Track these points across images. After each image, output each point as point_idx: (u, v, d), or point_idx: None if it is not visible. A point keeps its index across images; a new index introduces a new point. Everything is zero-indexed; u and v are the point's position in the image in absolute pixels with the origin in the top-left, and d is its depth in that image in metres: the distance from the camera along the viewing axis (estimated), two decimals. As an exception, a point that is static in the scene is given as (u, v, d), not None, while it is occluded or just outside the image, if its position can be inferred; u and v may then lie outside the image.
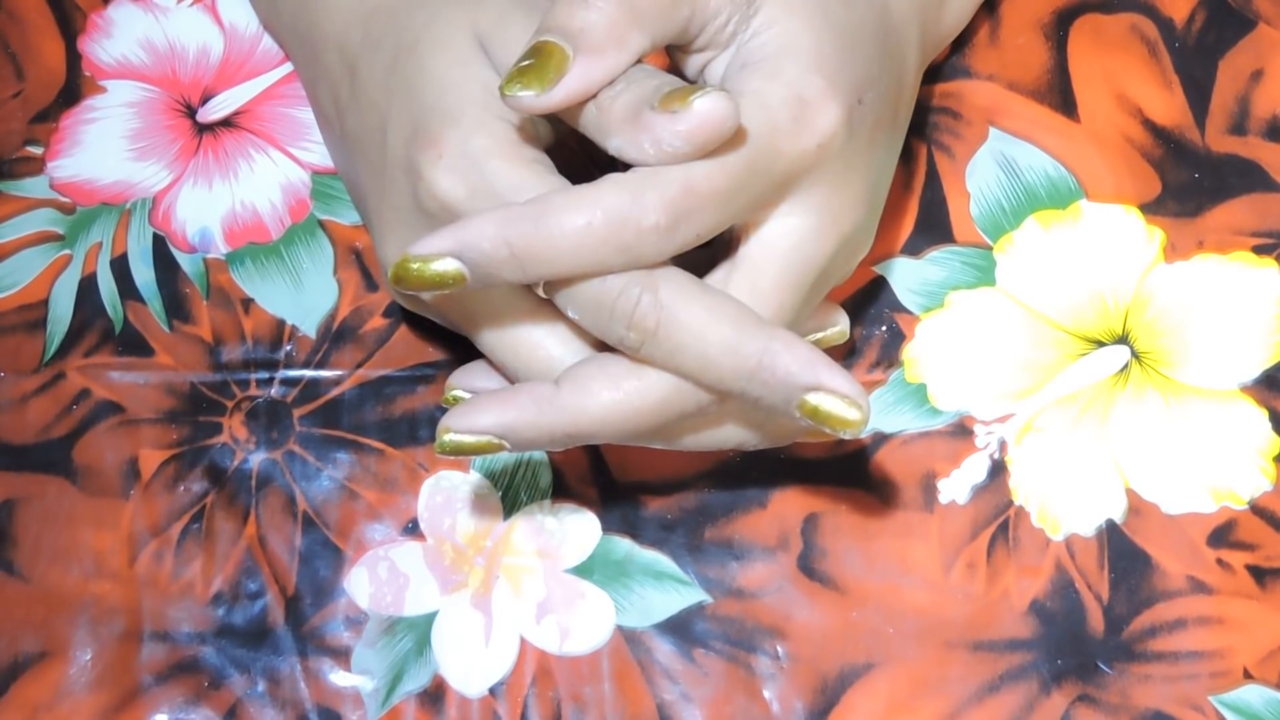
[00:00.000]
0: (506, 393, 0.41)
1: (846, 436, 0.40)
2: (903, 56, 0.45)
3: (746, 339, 0.40)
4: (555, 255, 0.39)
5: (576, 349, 0.42)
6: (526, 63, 0.39)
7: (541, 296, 0.41)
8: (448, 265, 0.39)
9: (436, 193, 0.41)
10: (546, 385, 0.41)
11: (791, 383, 0.40)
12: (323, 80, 0.48)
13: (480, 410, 0.41)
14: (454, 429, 0.41)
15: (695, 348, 0.40)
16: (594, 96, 0.40)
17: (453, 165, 0.41)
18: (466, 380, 0.45)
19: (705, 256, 0.42)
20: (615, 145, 0.40)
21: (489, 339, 0.43)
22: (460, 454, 0.41)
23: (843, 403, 0.40)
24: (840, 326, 0.45)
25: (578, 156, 0.44)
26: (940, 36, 0.50)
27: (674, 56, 0.43)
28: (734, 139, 0.39)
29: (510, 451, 0.41)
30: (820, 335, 0.45)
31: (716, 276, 0.42)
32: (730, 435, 0.44)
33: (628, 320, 0.40)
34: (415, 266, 0.39)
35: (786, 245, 0.41)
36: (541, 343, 0.42)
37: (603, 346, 0.42)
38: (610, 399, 0.40)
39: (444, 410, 0.49)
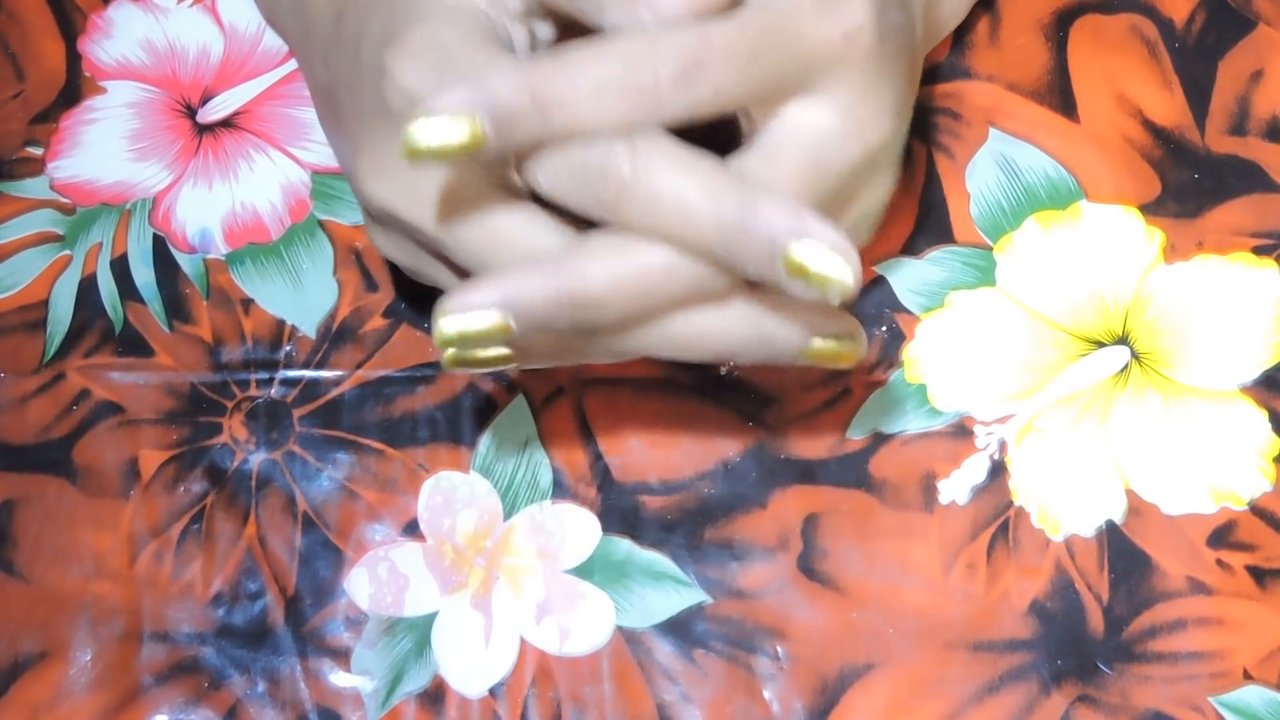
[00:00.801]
0: (505, 268, 0.39)
1: (835, 300, 0.37)
2: (912, 18, 0.44)
3: (727, 190, 0.37)
4: (576, 102, 0.37)
5: (560, 235, 0.40)
6: None
7: (515, 186, 0.40)
8: (465, 126, 0.36)
9: (402, 84, 0.39)
10: (549, 255, 0.39)
11: (774, 231, 0.37)
12: (315, 42, 0.47)
13: (479, 285, 0.38)
14: (452, 309, 0.38)
15: (673, 200, 0.37)
16: None
17: (419, 54, 0.39)
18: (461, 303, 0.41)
19: None
20: (610, 18, 0.39)
21: (467, 239, 0.40)
22: (465, 345, 0.38)
23: (832, 257, 0.36)
24: (857, 340, 0.41)
25: None
26: (937, 19, 0.49)
27: None
28: (757, 9, 0.38)
29: (517, 340, 0.38)
30: (832, 345, 0.41)
31: (731, 162, 0.39)
32: (736, 333, 0.40)
33: (603, 174, 0.38)
34: (437, 120, 0.36)
35: (807, 139, 0.39)
36: (522, 231, 0.40)
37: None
38: (614, 264, 0.38)
39: (445, 412, 0.49)
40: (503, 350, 0.39)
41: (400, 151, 0.37)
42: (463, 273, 0.42)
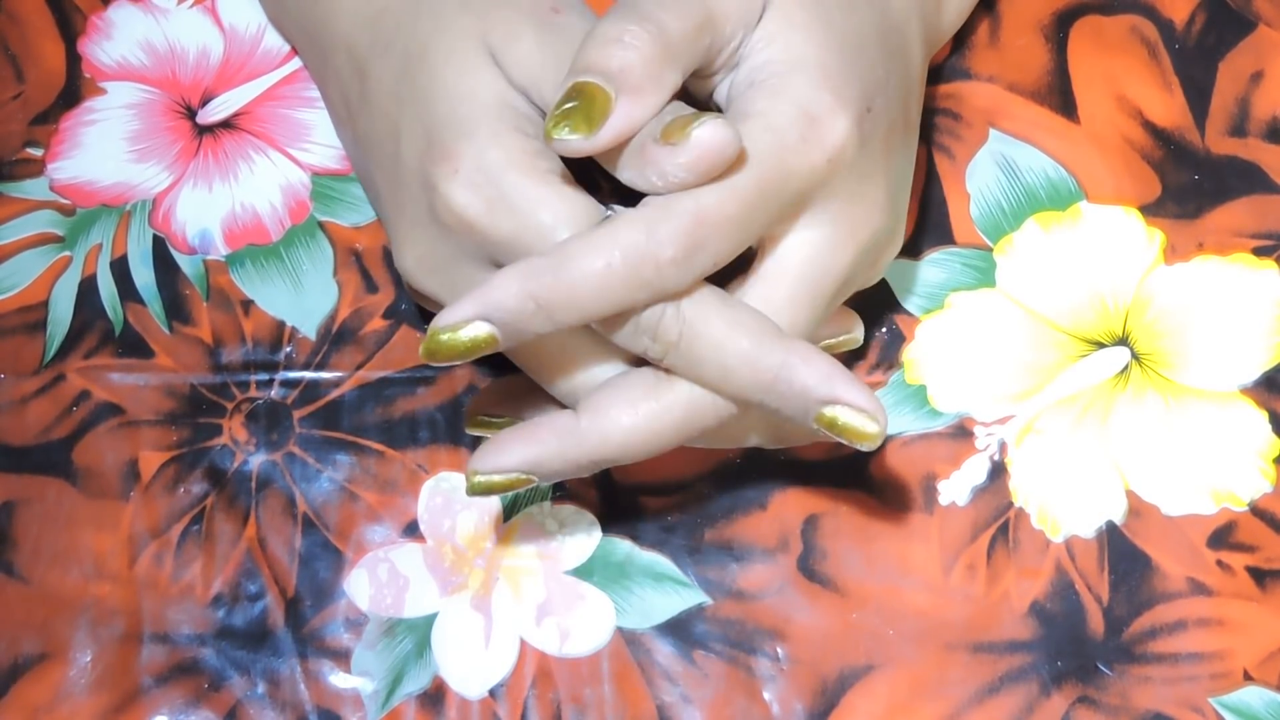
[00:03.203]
0: (528, 429, 0.42)
1: (863, 449, 0.41)
2: (907, 54, 0.45)
3: (765, 352, 0.40)
4: (580, 301, 0.39)
5: (608, 361, 0.42)
6: (570, 105, 0.39)
7: None
8: (478, 330, 0.40)
9: (453, 208, 0.41)
10: (566, 416, 0.41)
11: (809, 396, 0.40)
12: (333, 81, 0.48)
13: (504, 450, 0.42)
14: (481, 471, 0.42)
15: (715, 360, 0.40)
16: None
17: (469, 180, 0.41)
18: (487, 406, 0.46)
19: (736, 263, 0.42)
20: (626, 177, 0.40)
21: (524, 360, 0.43)
22: (491, 493, 0.42)
23: (860, 416, 0.40)
24: (854, 334, 0.46)
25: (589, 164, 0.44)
26: (941, 31, 0.49)
27: (687, 83, 0.43)
28: (743, 162, 0.39)
29: (540, 484, 0.42)
30: (834, 341, 0.45)
31: (734, 292, 0.42)
32: (749, 437, 0.44)
33: (652, 334, 0.40)
34: (445, 338, 0.40)
35: (801, 259, 0.41)
36: (574, 355, 0.43)
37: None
38: (630, 423, 0.41)
39: (445, 413, 0.49)
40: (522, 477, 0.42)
41: (423, 348, 0.40)
42: None
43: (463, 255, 0.42)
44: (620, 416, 0.41)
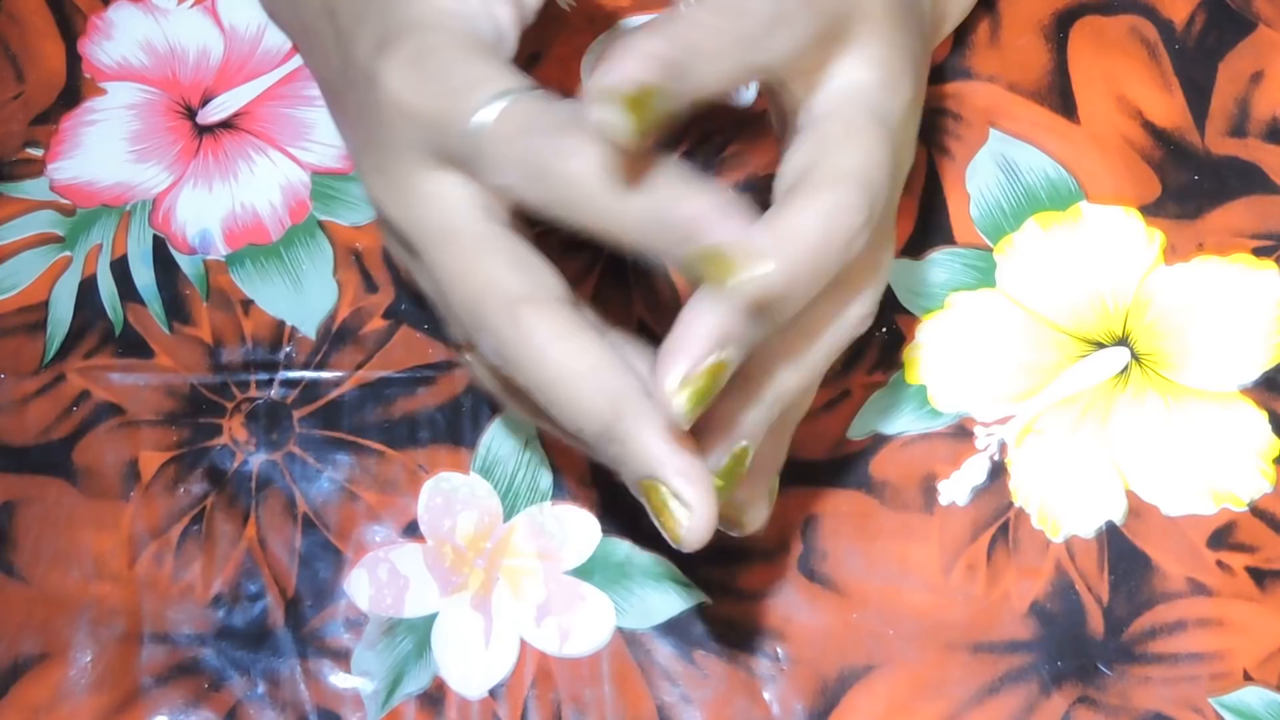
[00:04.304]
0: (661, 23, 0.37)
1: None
2: (920, 7, 0.45)
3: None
4: (712, 50, 0.36)
5: (538, 269, 0.39)
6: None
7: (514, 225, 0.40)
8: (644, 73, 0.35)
9: (388, 88, 0.39)
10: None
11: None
12: (315, 40, 0.46)
13: (643, 38, 0.36)
14: (615, 83, 0.35)
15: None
16: None
17: (406, 59, 0.39)
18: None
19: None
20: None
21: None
22: (635, 112, 0.35)
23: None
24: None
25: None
26: (942, 13, 0.49)
27: None
28: None
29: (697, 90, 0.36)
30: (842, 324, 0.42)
31: (800, 153, 0.38)
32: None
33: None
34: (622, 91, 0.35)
35: (863, 93, 0.39)
36: (501, 266, 0.39)
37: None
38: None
39: (445, 413, 0.49)
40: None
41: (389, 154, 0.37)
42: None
43: (403, 148, 0.40)
44: None
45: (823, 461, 0.49)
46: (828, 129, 0.39)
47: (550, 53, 0.53)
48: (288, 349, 0.50)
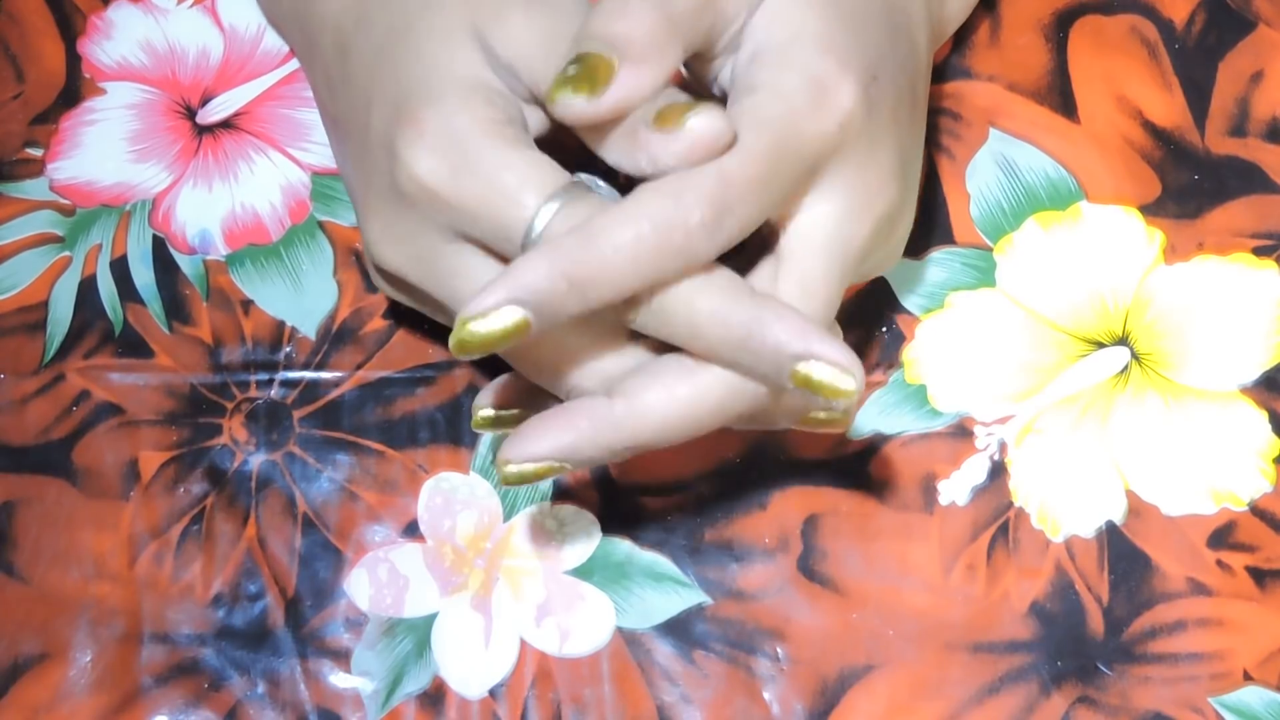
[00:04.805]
0: (559, 415, 0.41)
1: (838, 408, 0.40)
2: (911, 34, 0.45)
3: (735, 307, 0.39)
4: (612, 274, 0.38)
5: (611, 350, 0.42)
6: (573, 70, 0.39)
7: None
8: (511, 316, 0.38)
9: (415, 173, 0.40)
10: (599, 402, 0.40)
11: (781, 352, 0.39)
12: (318, 64, 0.47)
13: (537, 438, 0.40)
14: (514, 460, 0.40)
15: (684, 316, 0.39)
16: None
17: (433, 145, 0.40)
18: (493, 398, 0.44)
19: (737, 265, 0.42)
20: (613, 159, 0.40)
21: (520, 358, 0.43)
22: (524, 482, 0.41)
23: (835, 370, 0.39)
24: (850, 411, 0.44)
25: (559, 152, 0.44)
26: (946, 18, 0.49)
27: (690, 66, 0.43)
28: (758, 129, 0.39)
29: (570, 471, 0.41)
30: (828, 414, 0.43)
31: (762, 274, 0.41)
32: (779, 421, 0.43)
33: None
34: (476, 326, 0.38)
35: (825, 232, 0.41)
36: (575, 349, 0.42)
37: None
38: (667, 407, 0.40)
39: (445, 413, 0.49)
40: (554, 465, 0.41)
41: (453, 341, 0.38)
42: None
43: (428, 226, 0.41)
44: (657, 400, 0.40)
45: (823, 461, 0.49)
46: (784, 275, 0.41)
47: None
48: (288, 349, 0.50)
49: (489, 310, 0.38)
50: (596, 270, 0.38)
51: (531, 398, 0.44)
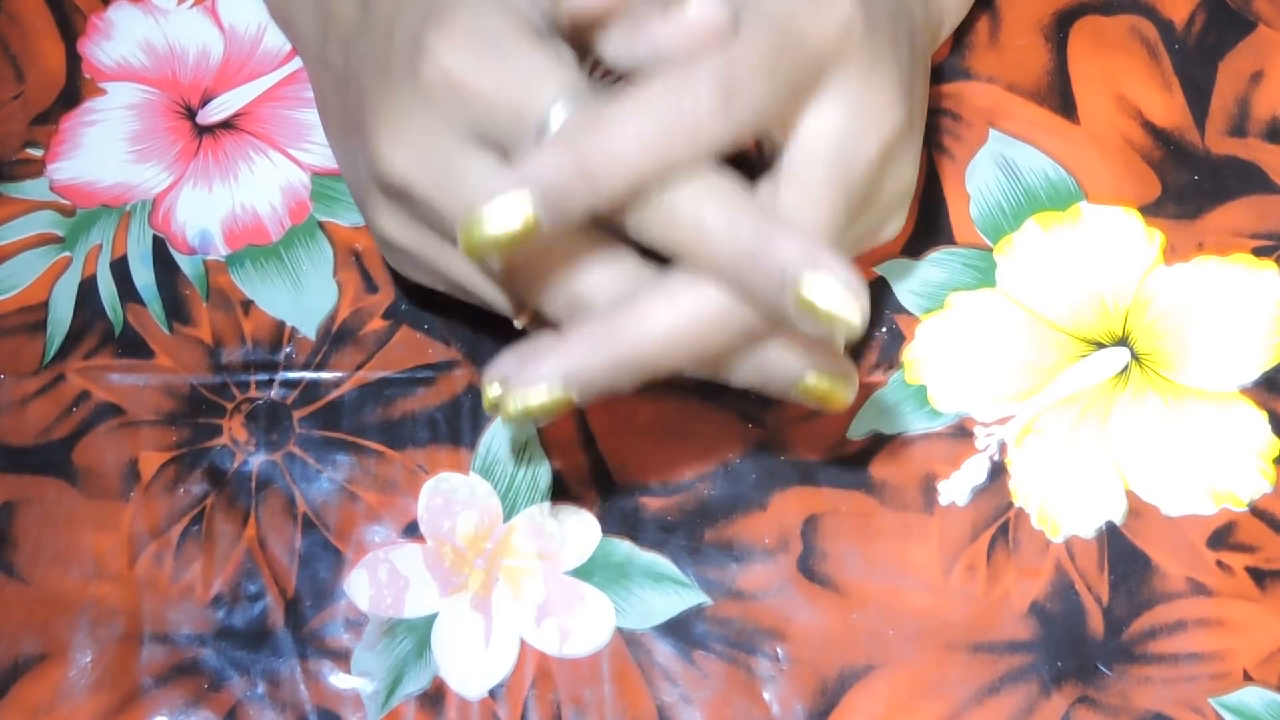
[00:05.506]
0: (556, 339, 0.40)
1: (841, 339, 0.38)
2: (909, 9, 0.45)
3: (744, 218, 0.39)
4: (623, 161, 0.38)
5: (612, 258, 0.41)
6: None
7: None
8: (521, 210, 0.37)
9: (441, 62, 0.39)
10: (599, 317, 0.39)
11: (788, 263, 0.38)
12: (333, 37, 0.46)
13: (537, 362, 0.39)
14: (516, 384, 0.39)
15: (692, 220, 0.39)
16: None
17: (462, 38, 0.40)
18: (502, 370, 0.42)
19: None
20: (615, 51, 0.40)
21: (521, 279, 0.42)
22: (526, 420, 0.39)
23: (837, 293, 0.38)
24: (850, 384, 0.42)
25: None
26: (939, 11, 0.49)
27: None
28: (760, 20, 0.39)
29: (577, 402, 0.39)
30: (829, 383, 0.42)
31: (765, 189, 0.40)
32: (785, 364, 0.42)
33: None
34: (486, 225, 0.37)
35: (829, 143, 0.40)
36: (576, 254, 0.41)
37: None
38: (671, 317, 0.39)
39: (445, 413, 0.49)
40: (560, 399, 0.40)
41: (463, 242, 0.38)
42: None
43: (443, 125, 0.40)
44: (660, 309, 0.39)
45: (823, 461, 0.49)
46: (786, 185, 0.40)
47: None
48: (288, 349, 0.50)
49: (499, 196, 0.37)
50: (606, 157, 0.38)
51: None
